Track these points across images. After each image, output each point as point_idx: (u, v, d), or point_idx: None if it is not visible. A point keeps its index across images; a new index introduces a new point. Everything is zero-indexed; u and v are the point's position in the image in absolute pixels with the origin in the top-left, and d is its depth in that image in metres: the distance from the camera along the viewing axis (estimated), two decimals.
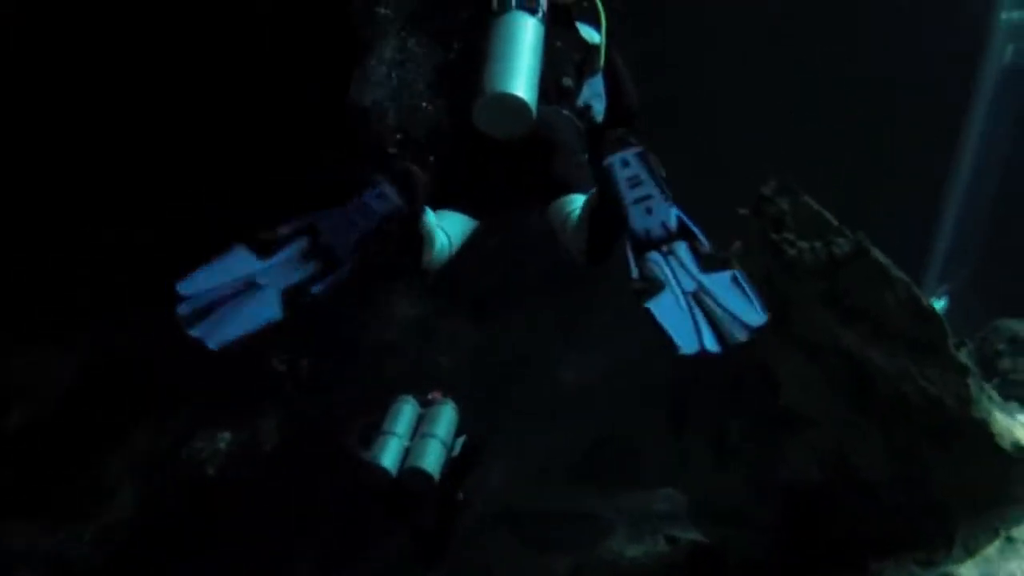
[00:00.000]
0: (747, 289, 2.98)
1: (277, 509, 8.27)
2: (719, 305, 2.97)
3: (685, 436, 6.44)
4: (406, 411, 5.69)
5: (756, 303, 2.96)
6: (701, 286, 3.01)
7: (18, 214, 5.19)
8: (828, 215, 5.61)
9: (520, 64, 3.53)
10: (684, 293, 3.00)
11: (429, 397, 5.81)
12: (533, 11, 3.67)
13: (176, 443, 7.77)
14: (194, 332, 3.07)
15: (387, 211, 3.25)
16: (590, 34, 4.04)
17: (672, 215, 3.12)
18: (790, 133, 10.74)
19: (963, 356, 5.69)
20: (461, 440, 5.65)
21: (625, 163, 3.14)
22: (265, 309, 3.11)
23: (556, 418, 11.13)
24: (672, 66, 9.68)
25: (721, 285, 3.00)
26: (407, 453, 5.44)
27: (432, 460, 5.34)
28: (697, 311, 2.97)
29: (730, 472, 6.21)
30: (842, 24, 11.16)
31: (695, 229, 3.12)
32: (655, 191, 3.12)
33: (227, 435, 8.19)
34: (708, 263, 3.04)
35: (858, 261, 5.43)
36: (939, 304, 11.49)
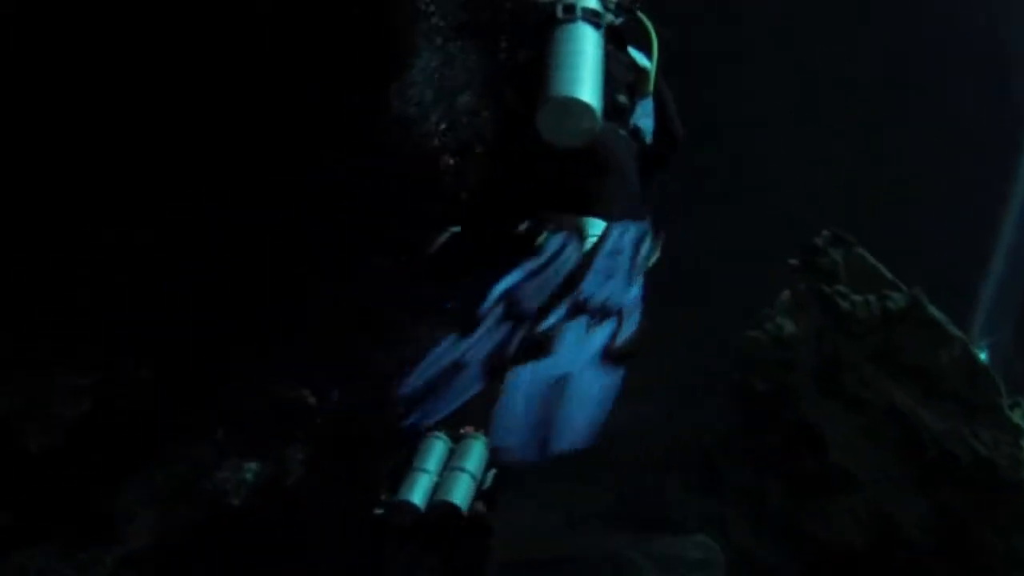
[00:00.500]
0: (597, 406, 2.85)
1: (303, 541, 8.15)
2: (561, 407, 2.82)
3: (721, 495, 6.25)
4: (437, 447, 5.42)
5: (586, 424, 2.82)
6: (573, 376, 2.86)
7: (17, 215, 5.19)
8: (883, 268, 5.44)
9: (587, 72, 3.49)
10: (553, 376, 2.87)
11: (461, 432, 5.70)
12: (597, 25, 3.66)
13: (200, 471, 7.67)
14: (411, 419, 3.08)
15: (573, 265, 3.17)
16: (640, 59, 3.99)
17: (625, 298, 3.06)
18: (836, 178, 10.65)
19: (1017, 417, 5.50)
20: (492, 474, 5.50)
21: (623, 232, 3.15)
22: (470, 385, 3.04)
23: (584, 463, 10.90)
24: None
25: (588, 388, 2.86)
26: (436, 488, 5.34)
27: (461, 494, 5.22)
28: (540, 408, 2.84)
29: (769, 529, 6.01)
30: (894, 76, 11.11)
31: (634, 322, 3.03)
32: (625, 269, 3.10)
33: (254, 465, 8.08)
34: (612, 357, 2.94)
35: (913, 317, 5.26)
36: (981, 357, 11.25)
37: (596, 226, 3.48)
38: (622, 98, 3.83)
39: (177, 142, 5.37)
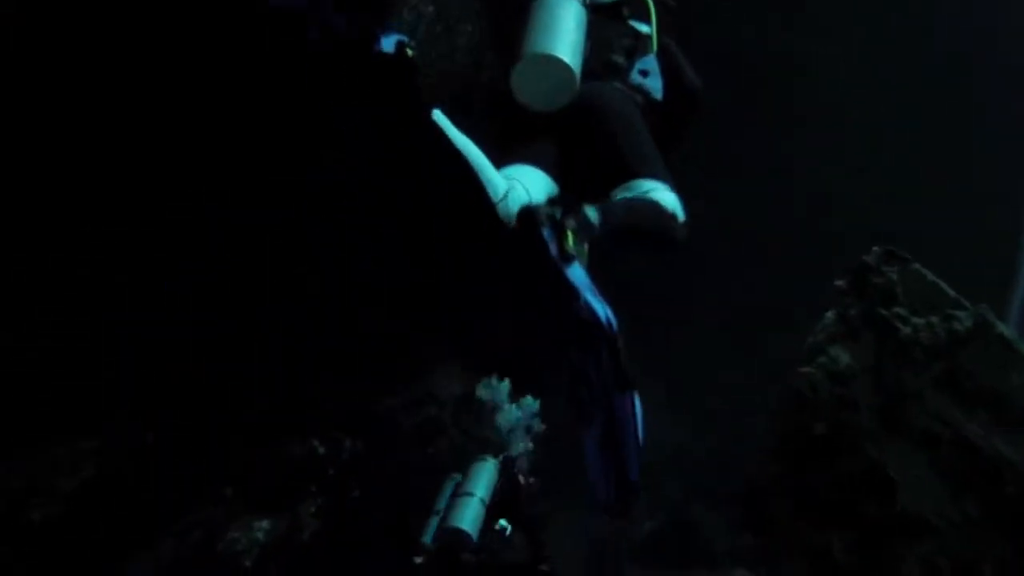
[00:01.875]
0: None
1: None
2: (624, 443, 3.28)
3: (771, 538, 5.74)
4: (446, 487, 5.71)
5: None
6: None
7: (17, 214, 5.03)
8: (944, 285, 4.94)
9: (562, 33, 3.46)
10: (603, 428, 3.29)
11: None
12: None
13: (210, 534, 7.39)
14: None
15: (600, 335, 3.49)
16: (641, 27, 4.06)
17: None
18: (858, 182, 10.47)
19: None
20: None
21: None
22: None
23: None
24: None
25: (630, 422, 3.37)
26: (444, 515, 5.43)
27: (469, 519, 5.23)
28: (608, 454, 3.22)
29: None
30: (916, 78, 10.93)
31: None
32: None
33: (265, 523, 7.80)
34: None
35: (981, 337, 4.76)
36: None
37: (639, 187, 3.60)
38: (617, 58, 3.86)
39: (176, 142, 5.26)
